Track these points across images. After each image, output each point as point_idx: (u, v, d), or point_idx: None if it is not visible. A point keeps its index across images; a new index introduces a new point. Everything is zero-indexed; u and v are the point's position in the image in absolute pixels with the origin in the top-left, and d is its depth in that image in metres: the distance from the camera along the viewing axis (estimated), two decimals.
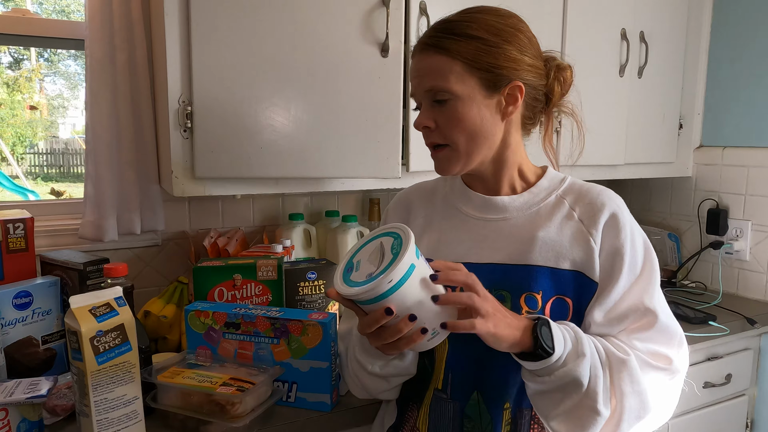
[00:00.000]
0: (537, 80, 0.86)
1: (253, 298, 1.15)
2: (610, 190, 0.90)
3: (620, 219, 0.85)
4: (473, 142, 0.85)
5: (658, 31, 1.71)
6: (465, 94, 0.82)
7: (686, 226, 1.94)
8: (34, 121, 11.31)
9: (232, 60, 1.15)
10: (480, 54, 0.81)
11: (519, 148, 0.90)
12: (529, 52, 0.85)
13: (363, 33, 1.23)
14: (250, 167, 1.19)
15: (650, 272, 0.85)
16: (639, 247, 0.85)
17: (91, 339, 0.85)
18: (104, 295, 0.90)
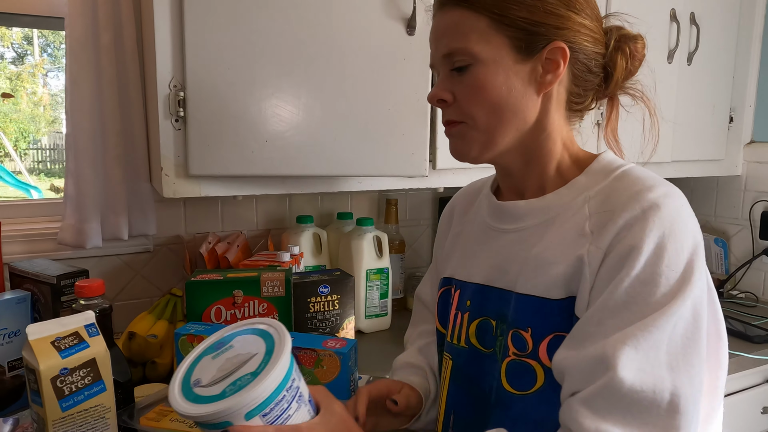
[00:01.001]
0: (592, 46, 0.66)
1: (256, 317, 0.97)
2: (666, 191, 0.60)
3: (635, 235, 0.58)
4: (496, 117, 0.66)
5: (709, 13, 1.53)
6: (489, 58, 0.64)
7: (734, 230, 1.76)
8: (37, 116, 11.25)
9: (231, 38, 0.97)
10: (511, 6, 0.63)
11: (560, 135, 0.69)
12: (581, 8, 0.65)
13: (385, 6, 1.05)
14: (252, 163, 1.02)
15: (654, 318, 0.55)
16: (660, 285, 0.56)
17: (53, 379, 0.67)
18: (71, 323, 0.72)
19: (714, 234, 1.78)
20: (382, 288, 1.36)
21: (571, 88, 0.67)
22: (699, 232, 0.61)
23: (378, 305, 1.36)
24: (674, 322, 0.55)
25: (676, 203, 0.60)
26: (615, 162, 0.67)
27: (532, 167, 0.69)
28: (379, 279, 1.35)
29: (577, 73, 0.66)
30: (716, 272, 1.75)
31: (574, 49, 0.65)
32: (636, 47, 0.68)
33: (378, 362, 1.13)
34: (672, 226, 0.58)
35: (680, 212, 0.59)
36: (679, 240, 0.58)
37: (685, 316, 0.56)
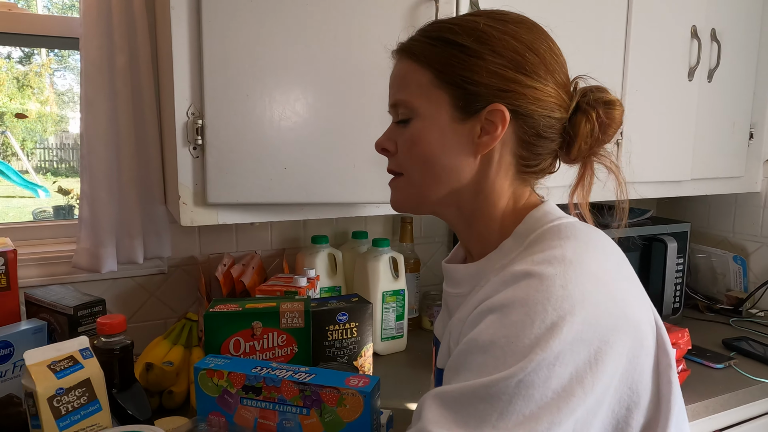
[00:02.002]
0: (544, 110, 0.62)
1: (275, 349, 0.96)
2: (558, 256, 0.55)
3: (487, 303, 0.56)
4: (428, 174, 0.65)
5: (729, 30, 1.50)
6: (427, 113, 0.63)
7: (753, 247, 1.73)
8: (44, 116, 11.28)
9: (251, 65, 0.96)
10: (454, 63, 0.62)
11: (503, 197, 0.66)
12: (534, 71, 0.62)
13: (407, 31, 1.03)
14: (271, 191, 1.00)
15: (474, 385, 0.51)
16: (493, 353, 0.52)
17: (49, 399, 0.70)
18: (66, 347, 0.75)
19: (733, 251, 1.75)
20: (398, 310, 1.34)
21: (518, 152, 0.64)
22: (584, 314, 0.51)
23: (394, 327, 1.34)
24: (497, 394, 0.49)
25: (554, 271, 0.53)
26: (540, 220, 0.63)
27: (473, 228, 0.68)
28: (395, 301, 1.33)
29: (524, 137, 0.63)
30: (735, 290, 1.73)
31: (520, 113, 0.62)
32: (609, 113, 0.64)
33: (395, 388, 1.12)
34: (530, 296, 0.52)
35: (553, 283, 0.52)
36: (532, 312, 0.51)
37: (511, 394, 0.49)
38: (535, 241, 0.59)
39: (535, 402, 0.48)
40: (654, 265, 1.54)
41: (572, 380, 0.49)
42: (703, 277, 1.81)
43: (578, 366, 0.49)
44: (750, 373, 1.25)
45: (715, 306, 1.71)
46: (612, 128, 0.64)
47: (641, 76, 1.36)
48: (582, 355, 0.49)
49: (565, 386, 0.48)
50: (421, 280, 1.54)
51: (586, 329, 0.50)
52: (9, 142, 10.56)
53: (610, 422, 0.53)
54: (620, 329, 0.52)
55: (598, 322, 0.51)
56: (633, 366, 0.54)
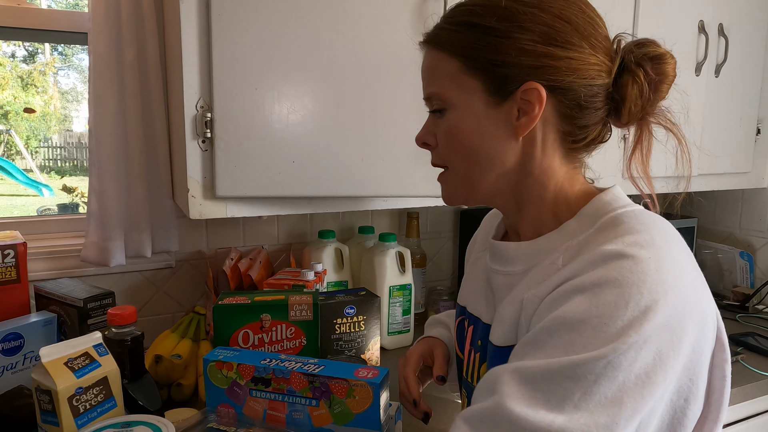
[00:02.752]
0: (584, 80, 0.59)
1: (283, 342, 0.96)
2: (640, 241, 0.53)
3: (575, 282, 0.53)
4: (471, 164, 0.63)
5: (737, 24, 1.50)
6: (461, 102, 0.62)
7: (760, 243, 1.73)
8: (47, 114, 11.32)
9: (260, 57, 0.96)
10: (481, 47, 0.59)
11: (552, 177, 0.63)
12: (568, 41, 0.58)
13: (414, 26, 1.03)
14: (280, 185, 1.00)
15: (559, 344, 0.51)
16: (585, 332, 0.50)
17: (69, 399, 0.69)
18: (80, 344, 0.75)
19: (739, 247, 1.75)
20: (405, 304, 1.34)
21: (562, 127, 0.61)
22: (674, 300, 0.50)
23: (401, 322, 1.34)
24: (583, 373, 0.48)
25: (648, 255, 0.51)
26: (610, 204, 0.60)
27: (524, 211, 0.65)
28: (401, 295, 1.33)
29: (566, 111, 0.60)
30: (741, 286, 1.72)
31: (557, 88, 0.59)
32: (660, 69, 0.59)
33: None
34: (625, 277, 0.50)
35: (648, 266, 0.50)
36: (627, 294, 0.49)
37: (598, 374, 0.47)
38: (610, 225, 0.56)
39: (618, 385, 0.47)
40: None
41: (656, 365, 0.48)
42: (710, 273, 1.81)
43: (662, 351, 0.49)
44: (757, 368, 1.25)
45: (722, 302, 1.70)
46: (665, 84, 0.60)
47: None
48: (666, 340, 0.49)
49: (649, 371, 0.48)
50: (428, 275, 1.54)
51: (673, 315, 0.49)
52: (13, 141, 10.61)
53: (668, 411, 0.52)
54: (695, 318, 0.51)
55: (683, 309, 0.50)
56: (697, 356, 0.53)
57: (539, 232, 0.64)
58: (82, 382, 0.72)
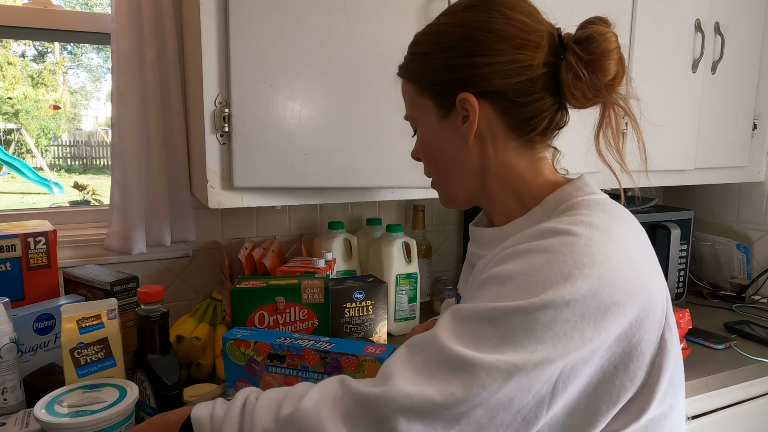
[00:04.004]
0: (510, 78, 0.63)
1: (297, 323, 1.03)
2: (588, 221, 0.58)
3: (519, 247, 0.58)
4: (444, 173, 0.72)
5: (733, 23, 1.55)
6: (422, 121, 0.71)
7: (757, 235, 1.77)
8: (58, 113, 11.43)
9: (274, 56, 1.02)
10: (422, 71, 0.69)
11: (510, 170, 0.68)
12: (488, 48, 0.63)
13: (420, 26, 1.09)
14: (292, 176, 1.06)
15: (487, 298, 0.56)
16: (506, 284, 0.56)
17: (71, 350, 0.82)
18: (98, 307, 0.87)
19: (737, 239, 1.79)
20: (411, 292, 1.40)
21: (506, 123, 0.66)
22: (601, 272, 0.54)
23: (407, 309, 1.40)
24: (502, 320, 0.53)
25: (581, 231, 0.56)
26: (573, 193, 0.64)
27: (493, 204, 0.71)
28: (407, 284, 1.39)
29: (504, 109, 0.65)
30: (738, 277, 1.77)
31: (488, 92, 0.65)
32: (590, 48, 0.62)
33: None
34: (555, 247, 0.55)
35: (578, 241, 0.55)
36: (553, 259, 0.54)
37: (515, 324, 0.53)
38: (564, 210, 0.62)
39: (536, 338, 0.52)
40: (658, 252, 1.58)
41: (575, 328, 0.52)
42: (708, 265, 1.86)
43: (584, 317, 0.53)
44: (750, 354, 1.30)
45: (719, 293, 1.75)
46: (605, 61, 0.62)
47: (646, 67, 1.41)
48: (591, 309, 0.53)
49: (567, 331, 0.52)
50: (433, 265, 1.60)
51: (601, 287, 0.53)
52: (24, 140, 10.70)
53: (596, 374, 0.56)
54: (632, 295, 0.55)
55: (614, 284, 0.54)
56: (633, 332, 0.57)
57: (509, 220, 0.69)
58: (84, 338, 0.83)
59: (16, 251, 1.02)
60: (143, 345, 0.86)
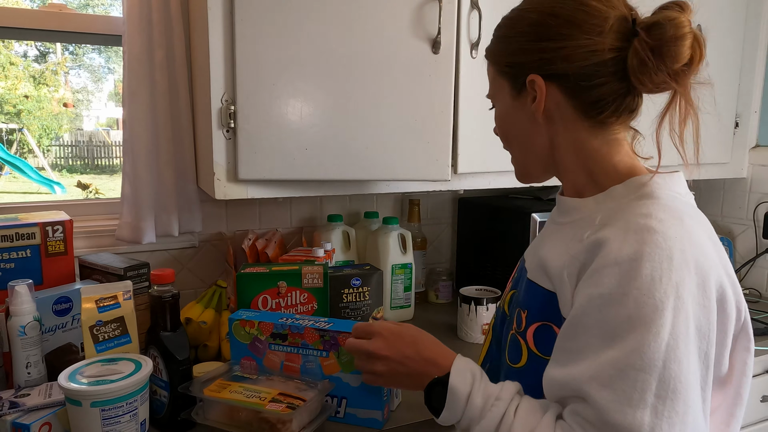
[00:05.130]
0: (577, 62, 0.67)
1: (297, 306, 1.10)
2: (667, 219, 0.61)
3: (608, 251, 0.60)
4: (519, 149, 0.79)
5: (714, 25, 1.62)
6: (499, 99, 0.78)
7: (739, 229, 1.85)
8: (61, 114, 11.52)
9: (277, 56, 1.09)
10: (500, 53, 0.76)
11: (577, 147, 0.72)
12: (559, 33, 0.67)
13: (413, 28, 1.16)
14: (293, 169, 1.14)
15: (624, 354, 0.57)
16: (627, 306, 0.57)
17: (90, 327, 0.89)
18: (115, 288, 0.94)
19: (720, 233, 1.87)
20: (406, 282, 1.47)
21: (574, 104, 0.70)
22: (696, 271, 0.58)
23: (402, 297, 1.47)
24: (648, 360, 0.55)
25: (672, 232, 0.59)
26: (649, 183, 0.67)
27: (564, 176, 0.77)
28: (403, 273, 1.47)
29: (571, 91, 0.69)
30: None
31: (554, 75, 0.69)
32: (657, 34, 0.63)
33: None
34: (653, 252, 0.58)
35: (673, 242, 0.58)
36: (659, 267, 0.57)
37: (659, 354, 0.55)
38: (643, 196, 0.65)
39: (680, 363, 0.56)
40: None
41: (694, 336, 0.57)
42: None
43: (699, 325, 0.58)
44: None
45: None
46: (671, 47, 0.62)
47: None
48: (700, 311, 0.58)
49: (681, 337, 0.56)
50: (428, 257, 1.67)
51: (704, 287, 0.58)
52: (26, 140, 10.75)
53: None
54: (718, 298, 0.60)
55: (704, 280, 0.58)
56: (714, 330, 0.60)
57: (580, 194, 0.74)
58: (102, 316, 0.91)
59: (35, 239, 1.09)
60: (156, 324, 0.93)
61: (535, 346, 0.72)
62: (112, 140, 11.34)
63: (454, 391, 0.69)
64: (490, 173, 1.34)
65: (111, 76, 12.47)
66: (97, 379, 0.81)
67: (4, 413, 0.84)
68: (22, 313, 0.94)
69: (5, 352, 0.99)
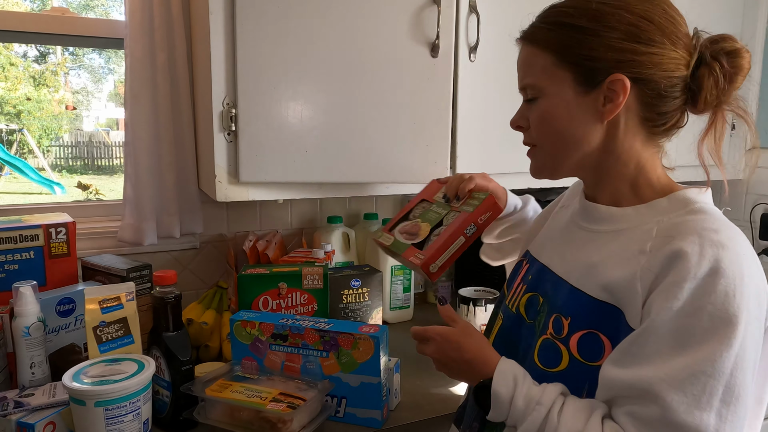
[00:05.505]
0: (664, 72, 0.68)
1: (298, 307, 1.11)
2: (732, 236, 0.64)
3: (687, 265, 0.62)
4: (560, 144, 0.74)
5: (712, 27, 1.62)
6: (553, 92, 0.72)
7: None
8: (60, 114, 11.53)
9: (277, 59, 1.11)
10: (572, 44, 0.69)
11: (634, 157, 0.72)
12: (650, 39, 0.67)
13: (412, 32, 1.18)
14: (294, 171, 1.15)
15: (695, 361, 0.60)
16: (702, 319, 0.60)
17: (93, 328, 0.91)
18: (118, 290, 0.95)
19: None
20: (405, 283, 1.49)
21: (643, 114, 0.71)
22: (757, 286, 0.62)
23: (401, 298, 1.49)
24: (719, 368, 0.59)
25: (740, 249, 0.63)
26: (698, 199, 0.71)
27: (604, 183, 0.76)
28: (402, 274, 1.48)
29: (647, 99, 0.69)
30: None
31: (640, 79, 0.68)
32: (736, 62, 0.68)
33: (402, 348, 1.26)
34: (728, 268, 0.61)
35: (742, 259, 0.62)
36: (732, 283, 0.60)
37: (729, 363, 0.59)
38: (698, 212, 0.68)
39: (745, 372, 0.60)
40: None
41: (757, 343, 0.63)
42: None
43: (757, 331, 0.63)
44: None
45: None
46: (739, 76, 0.68)
47: None
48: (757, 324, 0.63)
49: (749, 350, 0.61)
50: None
51: (760, 303, 0.63)
52: (26, 140, 10.76)
53: None
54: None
55: (760, 296, 0.63)
56: None
57: (617, 203, 0.74)
58: (105, 317, 0.92)
59: (39, 241, 1.11)
60: (158, 324, 0.94)
61: (578, 353, 0.71)
62: (112, 141, 11.34)
63: (497, 395, 0.71)
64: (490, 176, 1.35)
65: (111, 77, 12.48)
66: (100, 379, 0.83)
67: (9, 413, 0.86)
68: (26, 314, 0.96)
69: (9, 353, 1.01)
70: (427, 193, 1.04)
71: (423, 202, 1.03)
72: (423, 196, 1.04)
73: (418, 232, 0.96)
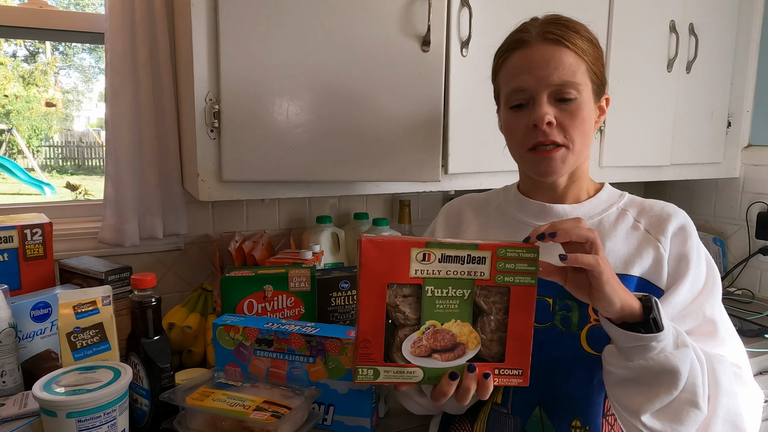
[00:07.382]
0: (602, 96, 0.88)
1: (284, 310, 1.07)
2: (673, 204, 0.90)
3: (688, 230, 0.86)
4: (584, 144, 0.84)
5: (707, 24, 1.61)
6: (586, 94, 0.82)
7: (732, 230, 1.83)
8: (49, 114, 11.41)
9: (262, 54, 1.06)
10: (597, 61, 0.84)
11: (588, 160, 0.92)
12: None
13: (402, 26, 1.14)
14: (280, 170, 1.11)
15: (712, 286, 0.85)
16: (703, 260, 0.86)
17: (67, 335, 0.86)
18: (93, 294, 0.91)
19: (713, 234, 1.85)
20: None
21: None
22: None
23: None
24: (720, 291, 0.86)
25: None
26: (615, 189, 0.93)
27: (576, 183, 0.90)
28: None
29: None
30: None
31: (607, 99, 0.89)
32: None
33: None
34: (696, 231, 0.88)
35: None
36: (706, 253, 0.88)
37: (720, 285, 0.86)
38: (633, 198, 0.92)
39: None
40: None
41: None
42: None
43: None
44: None
45: None
46: None
47: (622, 67, 1.47)
48: None
49: None
50: None
51: None
52: (15, 140, 10.64)
53: None
54: None
55: None
56: None
57: (578, 200, 0.90)
58: (80, 323, 0.88)
59: (13, 242, 1.06)
60: (136, 330, 0.90)
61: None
62: (102, 141, 11.27)
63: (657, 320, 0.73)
64: (480, 174, 1.31)
65: (102, 77, 12.32)
66: (73, 389, 0.78)
67: None
68: None
69: None
70: (380, 271, 0.66)
71: (393, 287, 0.67)
72: (379, 279, 0.66)
73: (457, 342, 0.68)
